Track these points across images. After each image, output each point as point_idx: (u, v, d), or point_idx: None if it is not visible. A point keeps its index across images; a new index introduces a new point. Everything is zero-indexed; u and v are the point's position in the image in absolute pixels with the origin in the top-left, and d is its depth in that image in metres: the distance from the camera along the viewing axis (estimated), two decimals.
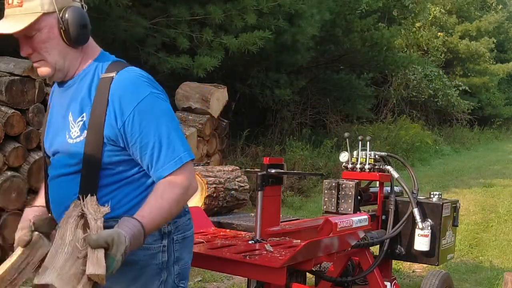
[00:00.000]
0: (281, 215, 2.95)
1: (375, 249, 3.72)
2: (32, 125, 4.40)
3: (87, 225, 1.51)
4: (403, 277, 4.84)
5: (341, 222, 2.61)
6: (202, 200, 3.27)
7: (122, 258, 1.44)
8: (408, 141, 13.49)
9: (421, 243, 3.35)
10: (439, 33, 20.07)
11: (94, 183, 1.66)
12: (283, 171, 2.82)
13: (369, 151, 3.58)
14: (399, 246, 3.48)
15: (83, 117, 1.67)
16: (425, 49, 19.72)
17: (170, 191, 1.63)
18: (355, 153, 3.64)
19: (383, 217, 3.55)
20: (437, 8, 20.26)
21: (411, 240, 3.42)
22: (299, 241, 2.67)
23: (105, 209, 1.57)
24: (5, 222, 4.13)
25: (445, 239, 3.45)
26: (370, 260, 3.27)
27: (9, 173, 4.19)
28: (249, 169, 5.12)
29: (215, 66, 6.86)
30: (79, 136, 1.67)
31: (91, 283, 1.40)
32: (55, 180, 1.75)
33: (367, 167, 3.53)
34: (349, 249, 3.05)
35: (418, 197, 3.46)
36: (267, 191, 2.73)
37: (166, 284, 1.75)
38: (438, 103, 18.25)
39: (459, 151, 16.97)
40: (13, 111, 4.24)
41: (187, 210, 1.86)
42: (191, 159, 1.69)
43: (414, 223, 3.38)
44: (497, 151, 17.75)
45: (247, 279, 3.12)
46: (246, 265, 2.29)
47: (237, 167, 3.77)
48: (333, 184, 3.48)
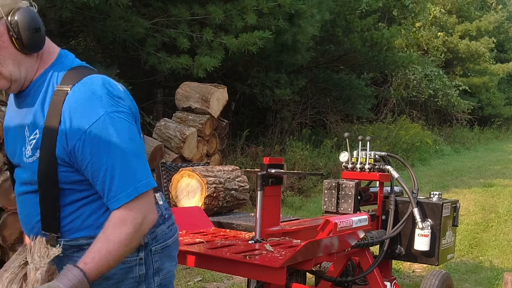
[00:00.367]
0: (281, 215, 2.95)
1: (375, 249, 3.72)
2: None
3: (25, 277, 1.47)
4: (403, 277, 4.84)
5: (341, 222, 2.61)
6: (202, 200, 3.28)
7: None
8: (408, 141, 13.48)
9: (421, 243, 3.35)
10: (439, 33, 20.05)
11: (54, 203, 1.56)
12: (283, 171, 2.82)
13: (369, 151, 3.57)
14: (399, 246, 3.48)
15: (36, 134, 1.55)
16: (425, 49, 19.70)
17: (118, 231, 1.49)
18: (355, 153, 3.63)
19: (383, 217, 3.55)
20: (437, 8, 20.23)
21: (411, 240, 3.42)
22: (299, 241, 2.67)
23: (55, 251, 1.48)
24: (5, 222, 4.13)
25: (445, 239, 3.45)
26: (370, 260, 3.27)
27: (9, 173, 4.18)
28: (249, 169, 5.12)
29: (215, 66, 6.87)
30: (31, 156, 1.56)
31: None
32: (20, 196, 1.67)
33: (367, 167, 3.53)
34: (349, 249, 3.05)
35: (418, 197, 3.46)
36: (267, 191, 2.73)
37: None
38: (438, 103, 18.25)
39: (459, 151, 16.96)
40: None
41: (167, 216, 1.75)
42: (150, 188, 1.54)
43: (414, 223, 3.39)
44: (497, 151, 17.73)
45: (247, 279, 3.11)
46: (246, 265, 2.28)
47: (237, 167, 3.77)
48: (333, 184, 3.47)
